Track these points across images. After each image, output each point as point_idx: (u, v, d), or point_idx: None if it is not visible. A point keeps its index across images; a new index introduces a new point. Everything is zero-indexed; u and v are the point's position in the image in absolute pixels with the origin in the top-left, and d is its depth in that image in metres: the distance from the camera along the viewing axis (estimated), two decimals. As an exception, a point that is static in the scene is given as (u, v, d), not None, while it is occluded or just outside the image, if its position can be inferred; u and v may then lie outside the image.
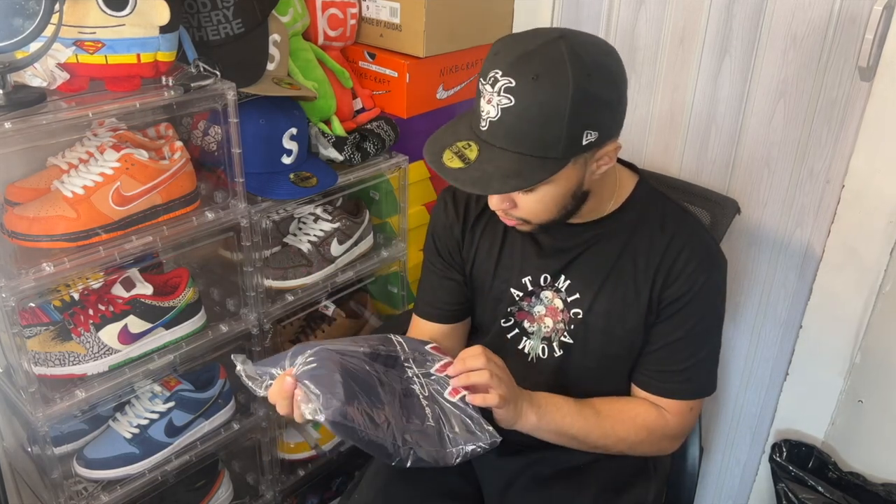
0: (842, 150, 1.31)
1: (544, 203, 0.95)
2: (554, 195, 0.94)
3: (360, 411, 0.90)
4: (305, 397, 0.89)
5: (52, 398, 1.15)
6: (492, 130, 0.89)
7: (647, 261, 1.03)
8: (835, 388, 1.41)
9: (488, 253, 1.13)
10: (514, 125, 0.87)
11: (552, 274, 1.09)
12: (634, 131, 1.56)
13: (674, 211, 1.07)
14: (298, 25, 1.41)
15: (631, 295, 1.04)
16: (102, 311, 1.21)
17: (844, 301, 1.35)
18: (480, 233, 1.14)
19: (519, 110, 0.86)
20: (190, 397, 1.35)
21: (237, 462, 1.60)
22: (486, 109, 0.89)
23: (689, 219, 1.08)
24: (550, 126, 0.86)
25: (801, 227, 1.41)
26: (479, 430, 0.96)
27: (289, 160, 1.36)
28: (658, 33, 1.47)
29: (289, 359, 0.96)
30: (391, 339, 1.07)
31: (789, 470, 1.42)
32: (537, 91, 0.85)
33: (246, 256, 1.33)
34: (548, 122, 0.86)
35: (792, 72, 1.33)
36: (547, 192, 0.93)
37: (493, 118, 0.88)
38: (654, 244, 1.03)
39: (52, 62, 1.04)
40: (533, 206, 0.96)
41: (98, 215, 1.12)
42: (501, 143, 0.88)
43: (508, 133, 0.88)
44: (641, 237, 1.04)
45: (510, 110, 0.86)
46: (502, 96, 0.86)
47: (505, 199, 0.96)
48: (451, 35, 1.54)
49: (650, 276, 1.03)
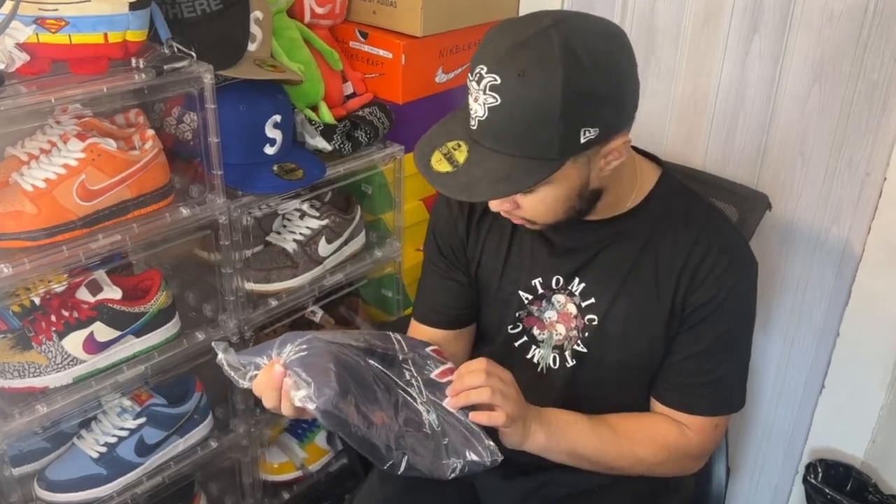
0: (883, 138, 1.31)
1: (546, 204, 0.95)
2: (557, 196, 0.94)
3: (353, 406, 0.90)
4: (296, 385, 0.89)
5: (11, 413, 1.15)
6: (481, 130, 0.89)
7: (671, 262, 1.03)
8: (876, 402, 1.41)
9: (496, 251, 1.13)
10: (502, 125, 0.87)
11: (565, 276, 1.08)
12: (654, 120, 1.56)
13: (700, 207, 1.07)
14: (282, 2, 1.41)
15: (652, 300, 1.04)
16: (66, 317, 1.21)
17: (886, 304, 1.35)
18: (487, 229, 1.14)
19: (506, 110, 0.86)
20: (163, 412, 1.35)
21: (215, 484, 1.60)
22: (473, 108, 0.89)
23: (716, 216, 1.07)
24: (541, 126, 0.86)
25: (838, 224, 1.41)
26: (479, 445, 0.96)
27: (272, 150, 1.36)
28: (680, 12, 1.47)
29: (276, 348, 0.95)
30: (389, 337, 1.07)
31: (825, 493, 1.42)
32: (523, 89, 0.85)
33: (224, 257, 1.33)
34: (537, 121, 0.86)
35: (828, 52, 1.33)
36: (548, 193, 0.93)
37: (481, 118, 0.88)
38: (678, 243, 1.03)
39: (11, 42, 1.04)
40: (535, 207, 0.96)
41: (61, 211, 1.12)
42: (491, 144, 0.89)
43: (497, 134, 0.88)
44: (664, 236, 1.04)
45: (497, 110, 0.86)
46: (488, 94, 0.86)
47: (505, 200, 0.96)
48: (451, 12, 1.54)
49: (674, 278, 1.03)
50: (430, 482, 1.09)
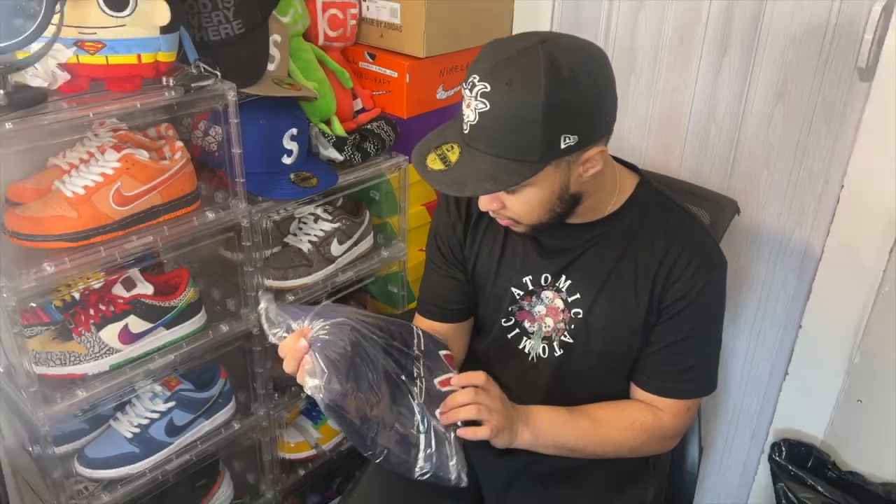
0: (841, 150, 1.31)
1: (530, 205, 0.96)
2: (539, 197, 0.95)
3: (355, 401, 0.91)
4: (312, 369, 0.89)
5: (53, 398, 1.15)
6: (472, 134, 0.90)
7: (648, 263, 1.04)
8: (834, 388, 1.41)
9: (490, 251, 1.13)
10: (490, 129, 0.88)
11: (553, 274, 1.09)
12: (634, 132, 1.56)
13: (675, 212, 1.07)
14: (299, 26, 1.41)
15: (631, 296, 1.05)
16: (103, 310, 1.21)
17: (844, 301, 1.35)
18: (483, 231, 1.14)
19: (494, 115, 0.87)
20: (190, 397, 1.35)
21: (237, 461, 1.60)
22: (466, 113, 0.90)
23: (690, 221, 1.07)
24: (524, 131, 0.87)
25: (800, 228, 1.41)
26: (451, 464, 0.96)
27: (289, 160, 1.36)
28: (658, 34, 1.47)
29: (310, 318, 0.93)
30: (413, 331, 1.06)
31: (788, 469, 1.42)
32: (510, 96, 0.86)
33: (246, 256, 1.32)
34: (521, 126, 0.87)
35: (791, 72, 1.33)
36: (531, 194, 0.94)
37: (472, 122, 0.89)
38: (655, 246, 1.04)
39: (53, 62, 1.04)
40: (518, 207, 0.97)
41: (99, 215, 1.12)
42: (480, 146, 0.90)
43: (485, 136, 0.89)
44: (642, 239, 1.04)
45: (486, 114, 0.88)
46: (479, 101, 0.87)
47: (493, 200, 0.97)
48: (451, 35, 1.54)
49: (650, 278, 1.03)
50: None
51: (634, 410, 1.09)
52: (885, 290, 1.29)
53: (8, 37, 0.96)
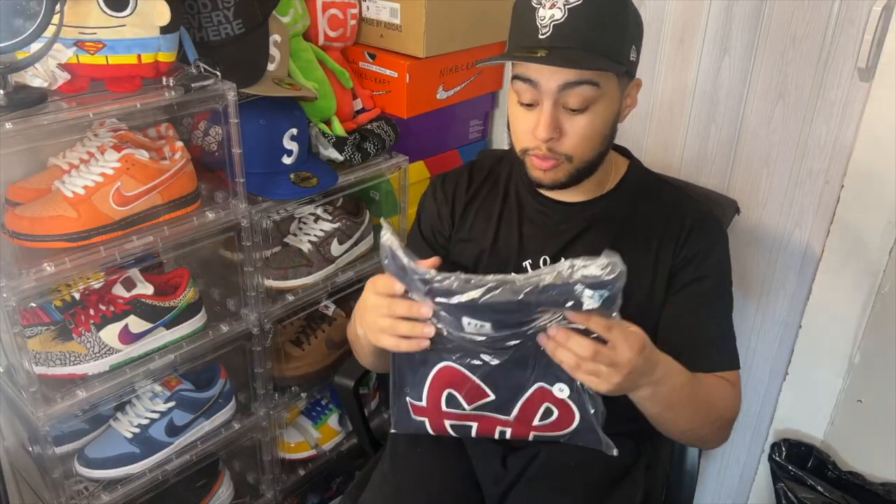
0: (841, 150, 1.31)
1: (594, 126, 0.95)
2: (603, 117, 0.95)
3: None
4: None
5: (53, 398, 1.15)
6: (557, 33, 0.90)
7: (651, 232, 1.04)
8: (834, 388, 1.41)
9: (483, 235, 1.12)
10: (583, 23, 0.89)
11: (552, 256, 1.08)
12: (634, 130, 1.56)
13: (670, 190, 1.10)
14: (299, 26, 1.41)
15: (637, 271, 1.02)
16: (103, 310, 1.21)
17: (843, 301, 1.35)
18: (474, 214, 1.13)
19: (587, 8, 0.89)
20: (190, 397, 1.35)
21: (238, 461, 1.60)
22: (547, 15, 0.90)
23: (685, 196, 1.10)
24: (614, 28, 0.91)
25: (800, 227, 1.41)
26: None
27: (289, 160, 1.36)
28: (658, 33, 1.47)
29: (433, 292, 0.78)
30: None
31: (788, 469, 1.42)
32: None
33: (246, 256, 1.32)
34: (612, 23, 0.91)
35: (791, 72, 1.33)
36: (599, 111, 0.94)
37: (559, 20, 0.89)
38: (655, 215, 1.05)
39: (53, 62, 1.04)
40: (583, 129, 0.94)
41: (99, 215, 1.12)
42: (568, 43, 0.90)
43: (576, 31, 0.89)
44: (642, 211, 1.06)
45: (579, 9, 0.89)
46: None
47: (555, 125, 0.94)
48: (451, 35, 1.54)
49: (655, 245, 1.04)
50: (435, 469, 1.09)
51: (716, 378, 1.01)
52: (885, 290, 1.29)
53: (8, 37, 0.96)
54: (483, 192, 1.14)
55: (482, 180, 1.15)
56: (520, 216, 1.09)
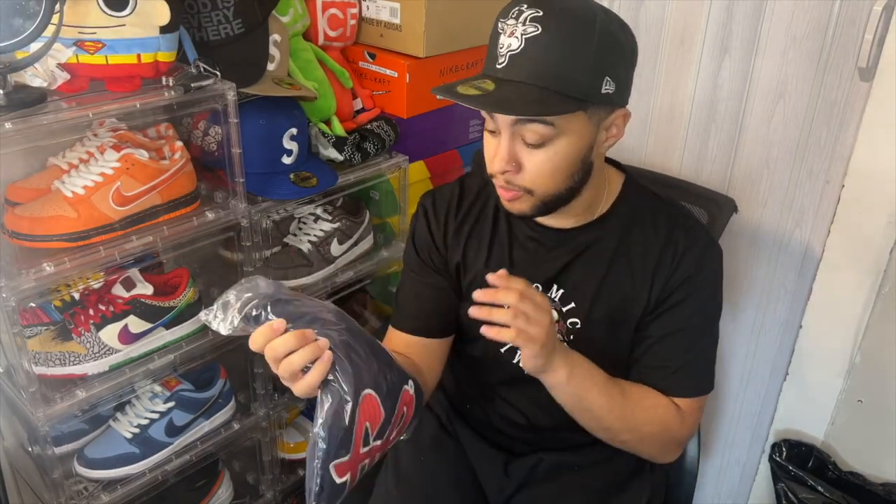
0: (841, 150, 1.31)
1: (554, 163, 0.90)
2: (566, 153, 0.89)
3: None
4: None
5: (53, 398, 1.15)
6: (511, 64, 0.85)
7: (644, 261, 1.01)
8: (834, 388, 1.41)
9: (474, 261, 1.08)
10: (539, 55, 0.84)
11: (543, 283, 1.04)
12: (635, 131, 1.56)
13: (663, 207, 1.04)
14: (299, 26, 1.41)
15: (628, 298, 1.01)
16: (103, 311, 1.21)
17: (844, 301, 1.35)
18: (466, 237, 1.08)
19: (545, 40, 0.83)
20: (190, 397, 1.35)
21: (237, 462, 1.60)
22: (506, 44, 0.86)
23: (679, 213, 1.05)
24: (575, 60, 0.84)
25: (800, 227, 1.41)
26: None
27: (289, 160, 1.35)
28: (658, 34, 1.47)
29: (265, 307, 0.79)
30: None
31: (789, 469, 1.42)
32: (565, 20, 0.83)
33: (246, 256, 1.32)
34: (573, 54, 0.84)
35: (791, 72, 1.33)
36: (559, 148, 0.89)
37: (515, 50, 0.85)
38: (647, 244, 1.01)
39: (53, 62, 1.04)
40: (542, 165, 0.90)
41: (98, 215, 1.12)
42: (521, 77, 0.85)
43: (531, 63, 0.84)
44: (634, 239, 1.02)
45: (536, 39, 0.83)
46: (528, 25, 0.84)
47: (511, 157, 0.90)
48: (451, 35, 1.54)
49: (648, 276, 1.00)
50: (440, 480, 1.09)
51: (658, 397, 1.02)
52: (885, 290, 1.29)
53: (8, 36, 0.96)
54: (473, 213, 1.09)
55: (472, 201, 1.10)
56: (510, 241, 1.05)
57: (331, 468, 0.80)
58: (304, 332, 0.78)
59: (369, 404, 0.82)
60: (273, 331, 0.78)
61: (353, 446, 0.81)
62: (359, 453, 0.82)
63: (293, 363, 0.77)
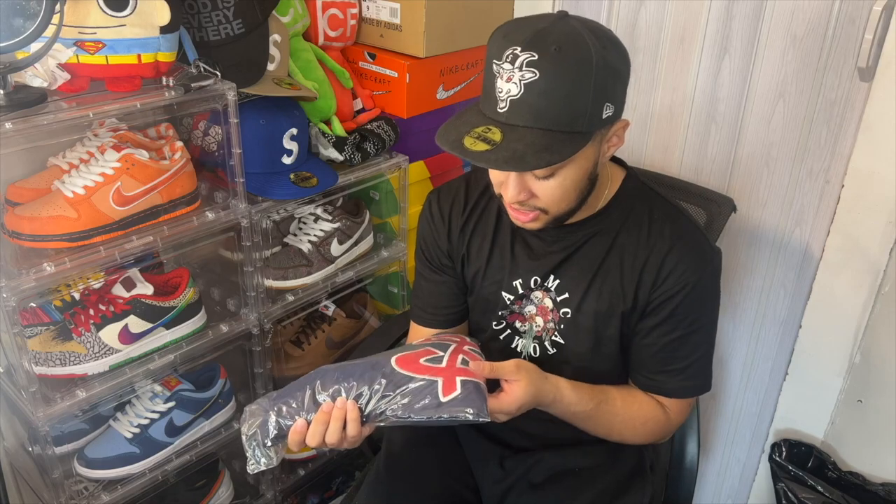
0: (841, 150, 1.31)
1: (564, 188, 0.92)
2: (574, 178, 0.91)
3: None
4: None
5: (53, 398, 1.15)
6: (513, 109, 0.85)
7: (634, 260, 1.02)
8: (834, 388, 1.41)
9: (478, 255, 1.11)
10: (540, 100, 0.84)
11: (542, 275, 1.07)
12: (635, 131, 1.56)
13: (662, 207, 1.05)
14: (299, 26, 1.41)
15: (617, 295, 1.03)
16: (103, 310, 1.21)
17: (844, 301, 1.35)
18: (470, 234, 1.12)
19: (544, 84, 0.83)
20: (190, 397, 1.35)
21: (238, 462, 1.60)
22: (504, 89, 0.85)
23: (676, 215, 1.05)
24: (576, 98, 0.84)
25: (800, 227, 1.41)
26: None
27: (289, 160, 1.36)
28: (658, 33, 1.47)
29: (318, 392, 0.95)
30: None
31: (789, 469, 1.42)
32: (562, 62, 0.83)
33: (246, 256, 1.33)
34: (574, 93, 0.84)
35: (791, 72, 1.33)
36: (567, 174, 0.91)
37: (515, 96, 0.84)
38: (641, 242, 1.02)
39: (53, 62, 1.04)
40: (553, 192, 0.92)
41: (99, 215, 1.12)
42: (526, 122, 0.85)
43: (533, 109, 0.84)
44: (628, 235, 1.03)
45: (535, 84, 0.83)
46: (525, 70, 0.83)
47: (523, 189, 0.92)
48: (451, 35, 1.54)
49: (636, 274, 1.02)
50: (430, 468, 1.11)
51: (645, 402, 1.08)
52: (885, 290, 1.29)
53: (8, 37, 0.96)
54: (479, 209, 1.12)
55: (478, 197, 1.12)
56: (512, 236, 1.08)
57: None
58: (321, 412, 0.92)
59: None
60: (298, 433, 0.92)
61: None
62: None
63: (333, 436, 0.92)
